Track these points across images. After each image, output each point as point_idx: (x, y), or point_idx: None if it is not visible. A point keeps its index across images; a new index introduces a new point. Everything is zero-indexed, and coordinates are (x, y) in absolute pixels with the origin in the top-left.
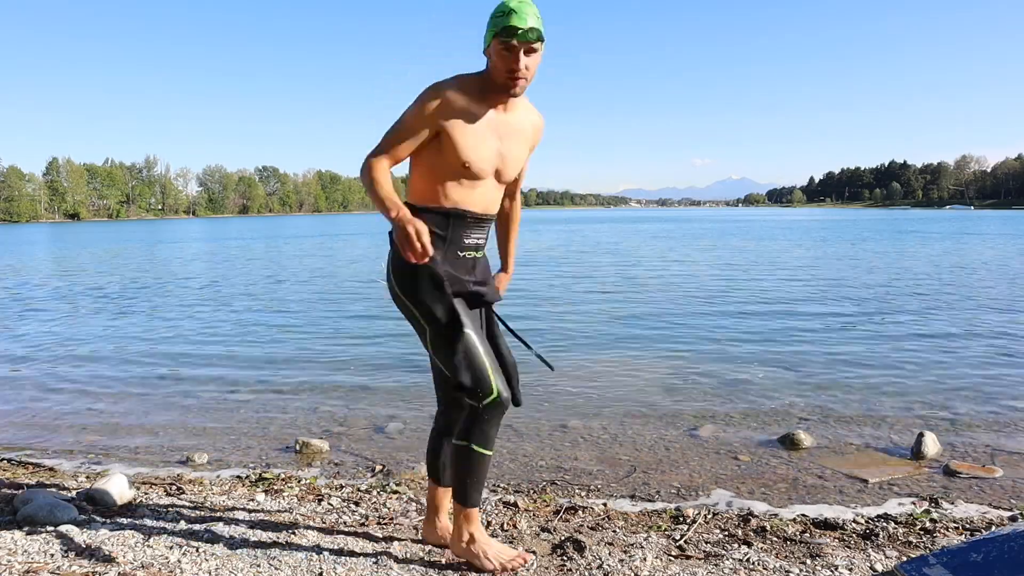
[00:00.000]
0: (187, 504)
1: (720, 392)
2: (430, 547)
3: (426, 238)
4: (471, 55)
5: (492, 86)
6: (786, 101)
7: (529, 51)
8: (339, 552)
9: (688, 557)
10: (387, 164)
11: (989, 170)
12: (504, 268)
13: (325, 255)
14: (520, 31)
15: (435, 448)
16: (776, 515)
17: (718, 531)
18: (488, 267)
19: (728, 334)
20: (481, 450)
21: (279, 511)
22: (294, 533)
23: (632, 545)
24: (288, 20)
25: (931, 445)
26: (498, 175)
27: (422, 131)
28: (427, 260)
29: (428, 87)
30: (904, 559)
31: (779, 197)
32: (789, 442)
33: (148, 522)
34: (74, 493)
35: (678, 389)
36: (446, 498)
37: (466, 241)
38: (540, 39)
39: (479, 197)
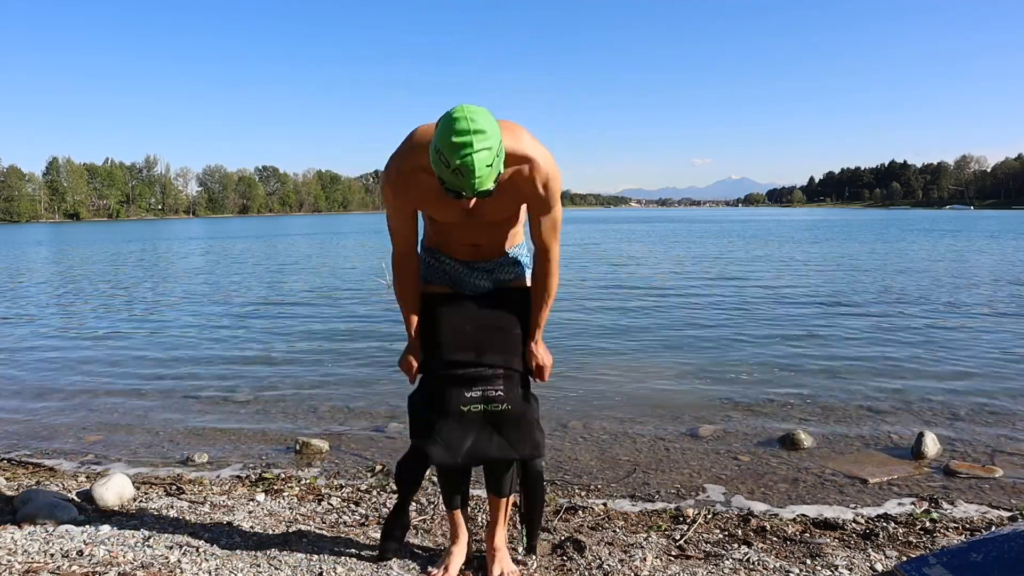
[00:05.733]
0: (187, 504)
1: (720, 392)
2: (430, 547)
3: (411, 368)
4: (468, 59)
5: None
6: (786, 101)
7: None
8: (339, 552)
9: (688, 557)
10: (401, 252)
11: (989, 170)
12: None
13: (326, 255)
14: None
15: None
16: (776, 515)
17: (718, 531)
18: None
19: (728, 334)
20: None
21: (279, 511)
22: (294, 533)
23: (632, 545)
24: (288, 20)
25: (931, 445)
26: (475, 219)
27: (403, 213)
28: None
29: (384, 173)
30: (904, 559)
31: (779, 197)
32: (789, 442)
33: (148, 522)
34: (74, 493)
35: (678, 389)
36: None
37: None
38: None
39: (456, 240)
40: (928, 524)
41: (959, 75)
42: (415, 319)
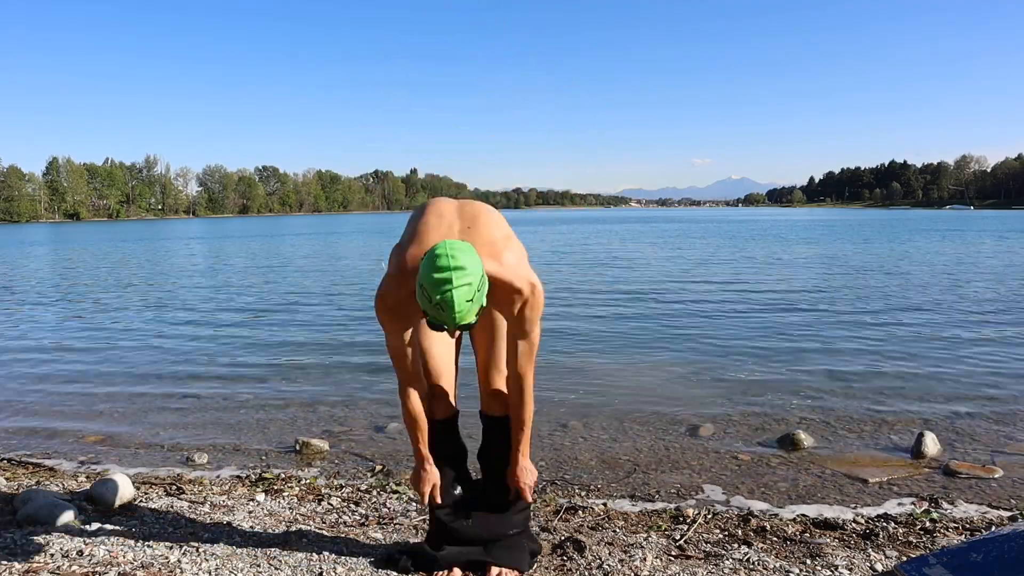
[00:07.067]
0: (187, 504)
1: (720, 392)
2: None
3: (435, 492)
4: (468, 59)
5: None
6: (786, 101)
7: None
8: (339, 552)
9: (688, 557)
10: (407, 377)
11: (989, 170)
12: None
13: (326, 254)
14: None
15: None
16: (776, 515)
17: (718, 531)
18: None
19: (728, 334)
20: None
21: (279, 511)
22: (294, 533)
23: (632, 545)
24: (288, 20)
25: (931, 445)
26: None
27: (401, 333)
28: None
29: (378, 300)
30: (904, 559)
31: (779, 197)
32: (789, 442)
33: (148, 522)
34: (74, 493)
35: (678, 389)
36: None
37: None
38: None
39: None
40: (928, 524)
41: (959, 75)
42: (424, 448)
